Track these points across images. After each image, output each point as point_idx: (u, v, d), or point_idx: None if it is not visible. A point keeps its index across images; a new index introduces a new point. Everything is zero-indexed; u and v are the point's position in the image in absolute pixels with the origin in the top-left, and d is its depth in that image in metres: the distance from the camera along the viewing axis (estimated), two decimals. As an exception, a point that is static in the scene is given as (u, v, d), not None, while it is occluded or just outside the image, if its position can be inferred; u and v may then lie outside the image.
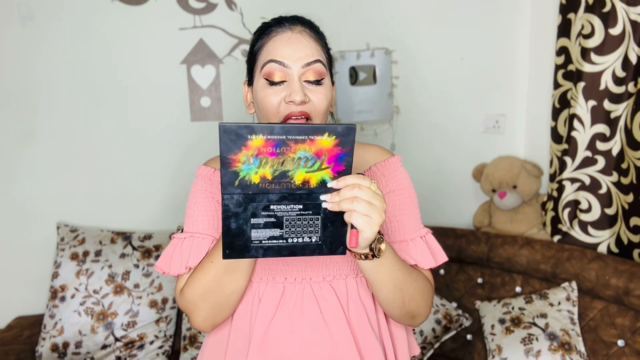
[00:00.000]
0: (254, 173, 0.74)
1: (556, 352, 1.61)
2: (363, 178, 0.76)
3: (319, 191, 0.77)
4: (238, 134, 0.71)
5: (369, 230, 0.76)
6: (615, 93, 1.73)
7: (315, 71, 0.92)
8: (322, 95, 0.93)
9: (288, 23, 0.95)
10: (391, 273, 0.86)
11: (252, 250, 0.78)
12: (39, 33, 1.93)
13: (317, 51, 0.94)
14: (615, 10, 1.67)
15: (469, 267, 2.01)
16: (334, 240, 0.79)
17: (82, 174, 2.04)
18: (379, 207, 0.76)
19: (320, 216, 0.78)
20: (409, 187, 1.00)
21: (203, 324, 0.95)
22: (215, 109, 2.06)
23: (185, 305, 0.94)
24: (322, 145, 0.73)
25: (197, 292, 0.92)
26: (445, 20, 2.11)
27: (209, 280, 0.90)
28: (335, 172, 0.76)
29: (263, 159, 0.73)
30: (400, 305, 0.91)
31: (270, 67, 0.92)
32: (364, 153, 1.02)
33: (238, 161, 0.73)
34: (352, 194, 0.75)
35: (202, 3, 1.99)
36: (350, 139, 0.74)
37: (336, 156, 0.75)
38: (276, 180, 0.75)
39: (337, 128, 0.73)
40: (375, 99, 2.14)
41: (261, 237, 0.78)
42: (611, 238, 1.80)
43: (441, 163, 2.23)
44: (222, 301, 0.92)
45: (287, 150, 0.73)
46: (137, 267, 1.93)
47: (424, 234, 0.99)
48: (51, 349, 1.85)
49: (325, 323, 0.93)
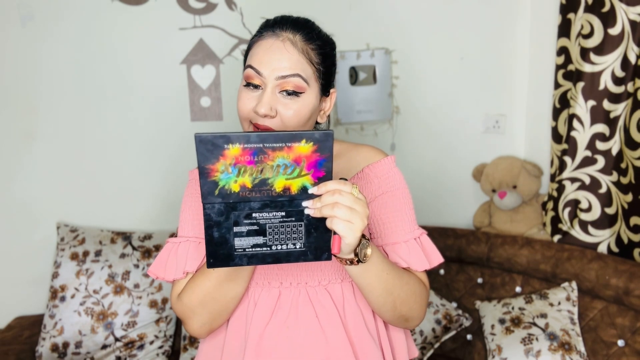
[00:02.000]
0: (233, 182, 0.74)
1: (556, 352, 1.61)
2: (344, 183, 0.76)
3: (300, 198, 0.76)
4: (214, 143, 0.71)
5: (351, 236, 0.75)
6: (615, 93, 1.73)
7: (291, 84, 0.88)
8: (292, 112, 0.89)
9: (278, 28, 0.91)
10: (380, 277, 0.86)
11: (236, 259, 0.78)
12: (39, 33, 1.93)
13: (299, 64, 0.89)
14: (615, 10, 1.67)
15: (469, 267, 2.01)
16: (318, 246, 0.79)
17: (82, 174, 2.04)
18: (360, 212, 0.75)
19: (303, 222, 0.77)
20: (402, 188, 0.98)
21: (200, 330, 0.94)
22: (215, 109, 2.06)
23: (183, 311, 0.93)
24: (301, 151, 0.73)
25: (196, 298, 0.91)
26: (445, 21, 2.11)
27: (209, 286, 0.90)
28: (315, 178, 0.76)
29: (242, 167, 0.73)
30: (392, 308, 0.90)
31: (248, 72, 0.91)
32: (356, 154, 1.00)
33: (216, 170, 0.72)
34: (332, 200, 0.74)
35: (202, 3, 2.00)
36: (329, 145, 0.73)
37: (315, 162, 0.74)
38: (256, 188, 0.75)
39: (314, 134, 0.73)
40: (375, 99, 2.14)
41: (244, 245, 0.77)
42: (611, 237, 1.80)
43: (441, 163, 2.23)
44: (221, 307, 0.92)
45: (265, 158, 0.73)
46: (137, 267, 1.93)
47: (418, 235, 0.97)
48: (51, 349, 1.85)
49: (321, 327, 0.93)
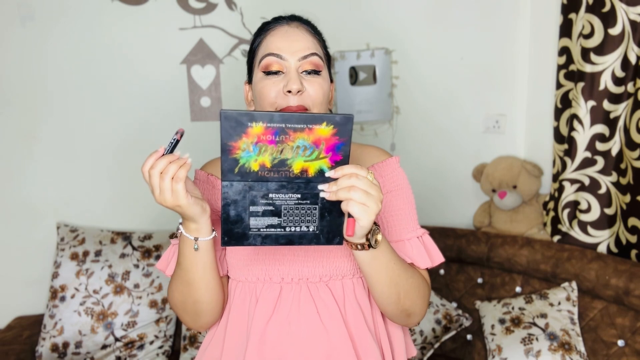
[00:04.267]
0: (253, 161, 0.74)
1: (556, 352, 1.61)
2: (360, 168, 0.77)
3: (316, 180, 0.77)
4: (238, 121, 0.72)
5: (365, 219, 0.76)
6: (615, 93, 1.73)
7: (312, 63, 0.93)
8: (318, 86, 0.93)
9: (285, 20, 0.97)
10: (387, 266, 0.87)
11: (250, 238, 0.79)
12: (39, 33, 1.93)
13: (314, 44, 0.95)
14: (615, 11, 1.67)
15: (469, 267, 2.01)
16: (330, 230, 0.80)
17: (82, 174, 2.04)
18: (375, 196, 0.76)
19: (317, 206, 0.78)
20: (406, 188, 1.00)
21: (193, 325, 0.98)
22: (215, 109, 2.06)
23: (174, 310, 0.98)
24: (321, 134, 0.74)
25: (174, 300, 0.96)
26: (445, 20, 2.11)
27: (180, 282, 0.93)
28: (332, 162, 0.77)
29: (262, 146, 0.74)
30: (396, 301, 0.91)
31: (268, 60, 0.93)
32: (362, 153, 1.03)
33: (238, 148, 0.73)
34: (349, 183, 0.76)
35: (202, 3, 1.99)
36: (348, 128, 0.75)
37: (334, 145, 0.76)
38: (275, 168, 0.75)
39: (335, 117, 0.74)
40: (375, 99, 2.14)
41: (259, 225, 0.78)
42: (611, 238, 1.80)
43: (441, 163, 2.23)
44: (197, 296, 0.93)
45: (286, 139, 0.73)
46: (137, 267, 1.93)
47: (420, 234, 0.99)
48: (51, 349, 1.85)
49: (322, 323, 0.94)
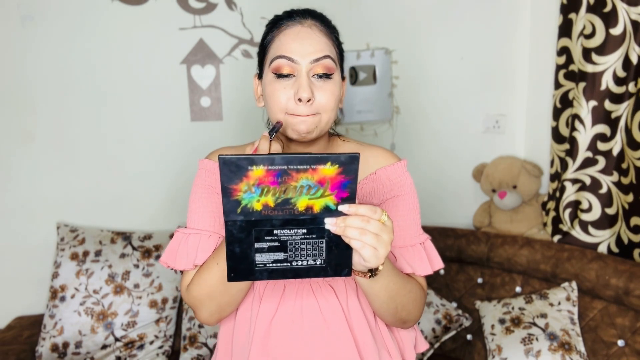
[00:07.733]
0: (256, 201, 0.73)
1: (556, 352, 1.61)
2: (374, 210, 0.76)
3: (322, 216, 0.76)
4: (238, 165, 0.70)
5: (374, 262, 0.77)
6: (616, 93, 1.73)
7: (324, 66, 0.91)
8: (329, 93, 0.92)
9: (299, 17, 0.94)
10: (387, 287, 0.89)
11: (256, 274, 0.78)
12: (39, 33, 1.93)
13: (327, 46, 0.93)
14: (616, 10, 1.67)
15: (469, 267, 2.01)
16: (338, 262, 0.79)
17: (82, 174, 2.04)
18: (386, 240, 0.76)
19: (324, 239, 0.77)
20: (412, 193, 1.01)
21: (210, 318, 0.96)
22: (215, 109, 2.06)
23: (192, 302, 0.95)
24: (325, 173, 0.72)
25: (204, 291, 0.93)
26: (445, 20, 2.11)
27: (215, 281, 0.91)
28: (339, 199, 0.75)
29: (265, 187, 0.72)
30: (393, 313, 0.94)
31: (279, 62, 0.91)
32: (369, 155, 1.02)
33: (239, 190, 0.72)
34: (360, 225, 0.75)
35: (202, 3, 1.99)
36: (354, 167, 0.73)
37: (340, 183, 0.74)
38: (279, 207, 0.74)
39: (339, 157, 0.71)
40: (375, 99, 2.13)
41: (265, 261, 0.78)
42: (611, 238, 1.80)
43: (441, 163, 2.23)
44: (229, 300, 0.94)
45: (289, 179, 0.72)
46: (137, 267, 1.93)
47: (423, 240, 1.00)
48: (51, 349, 1.85)
49: (325, 322, 0.94)
